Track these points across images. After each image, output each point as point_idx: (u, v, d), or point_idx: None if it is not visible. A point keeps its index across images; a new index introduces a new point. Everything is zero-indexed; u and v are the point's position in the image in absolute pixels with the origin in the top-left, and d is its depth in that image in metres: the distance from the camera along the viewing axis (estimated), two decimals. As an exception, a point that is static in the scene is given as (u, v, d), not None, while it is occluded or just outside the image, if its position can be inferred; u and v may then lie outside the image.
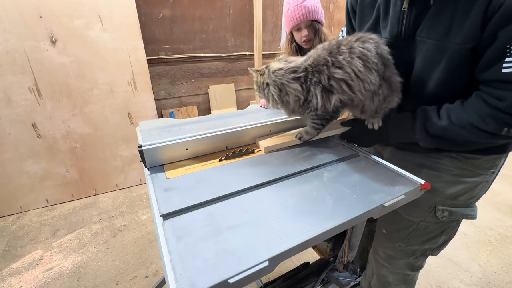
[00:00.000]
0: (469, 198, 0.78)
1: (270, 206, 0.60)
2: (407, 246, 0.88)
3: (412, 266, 0.93)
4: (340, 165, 0.76)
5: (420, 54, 0.67)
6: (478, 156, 0.72)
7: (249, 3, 2.36)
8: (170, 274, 0.43)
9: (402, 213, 0.85)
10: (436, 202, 0.79)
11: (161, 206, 0.59)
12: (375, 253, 1.01)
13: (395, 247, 0.91)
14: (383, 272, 0.99)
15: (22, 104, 1.76)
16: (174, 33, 2.18)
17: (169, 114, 2.34)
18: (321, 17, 1.26)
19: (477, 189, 0.77)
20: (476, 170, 0.74)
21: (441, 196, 0.78)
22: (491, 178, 0.77)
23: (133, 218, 1.91)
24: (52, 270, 1.51)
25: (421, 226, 0.84)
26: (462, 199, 0.78)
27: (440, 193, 0.77)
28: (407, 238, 0.87)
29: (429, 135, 0.68)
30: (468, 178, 0.75)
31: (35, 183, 1.95)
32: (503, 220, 1.88)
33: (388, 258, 0.95)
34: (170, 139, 0.75)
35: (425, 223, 0.82)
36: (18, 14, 1.61)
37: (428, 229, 0.83)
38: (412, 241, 0.87)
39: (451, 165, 0.75)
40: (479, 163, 0.73)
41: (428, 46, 0.64)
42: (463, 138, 0.64)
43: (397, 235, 0.89)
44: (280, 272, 1.02)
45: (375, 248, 1.01)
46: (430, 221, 0.82)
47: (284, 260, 0.49)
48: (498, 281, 1.45)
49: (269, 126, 0.89)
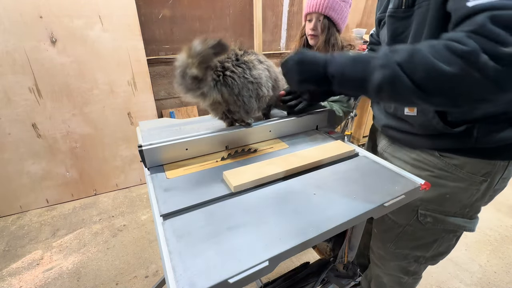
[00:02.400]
0: (458, 206, 0.74)
1: (270, 206, 0.59)
2: (396, 248, 0.87)
3: (406, 271, 0.92)
4: (340, 165, 0.76)
5: (415, 19, 0.63)
6: (460, 157, 0.68)
7: (249, 3, 2.36)
8: (170, 274, 0.43)
9: (389, 214, 0.84)
10: (418, 206, 0.77)
11: (161, 206, 0.59)
12: (372, 252, 1.02)
13: (386, 247, 0.91)
14: (377, 272, 1.00)
15: (22, 104, 1.76)
16: (174, 33, 2.18)
17: (169, 114, 2.34)
18: (336, 16, 1.13)
19: (464, 196, 0.72)
20: (457, 173, 0.70)
21: (423, 199, 0.75)
22: (482, 187, 0.70)
23: (133, 218, 1.91)
24: (52, 270, 1.51)
25: (407, 230, 0.82)
26: (449, 206, 0.74)
27: (421, 196, 0.73)
28: (395, 240, 0.86)
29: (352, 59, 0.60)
30: (449, 182, 0.71)
31: (35, 183, 1.95)
32: (503, 220, 1.88)
33: (380, 258, 0.96)
34: (170, 139, 0.75)
35: (411, 227, 0.81)
36: (18, 14, 1.61)
37: (416, 234, 0.81)
38: (400, 244, 0.86)
39: (431, 165, 0.73)
40: (461, 166, 0.69)
41: (421, 9, 0.60)
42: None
43: (385, 236, 0.89)
44: (280, 272, 1.02)
45: (371, 246, 1.02)
46: (416, 226, 0.80)
47: (284, 260, 0.49)
48: (498, 281, 1.45)
49: (269, 126, 0.89)
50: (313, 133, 0.96)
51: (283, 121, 0.92)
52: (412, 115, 0.71)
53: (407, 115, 0.73)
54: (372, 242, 1.00)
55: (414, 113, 0.71)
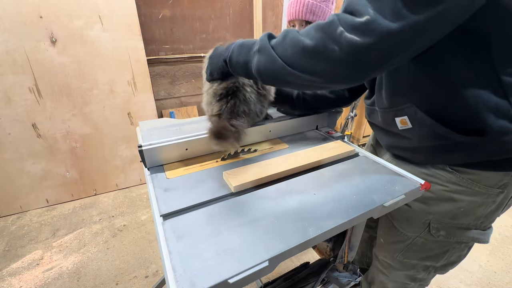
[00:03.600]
0: (473, 219, 0.71)
1: (270, 206, 0.59)
2: (405, 258, 0.85)
3: (413, 278, 0.90)
4: (340, 165, 0.76)
5: None
6: (475, 171, 0.64)
7: (249, 3, 2.36)
8: (170, 274, 0.43)
9: (397, 226, 0.82)
10: (430, 220, 0.74)
11: (161, 206, 0.59)
12: (375, 258, 1.00)
13: (393, 257, 0.88)
14: (382, 279, 0.98)
15: (22, 104, 1.76)
16: (174, 33, 2.18)
17: (169, 114, 2.34)
18: (317, 19, 1.10)
19: (479, 209, 0.68)
20: (474, 188, 0.66)
21: (435, 214, 0.73)
22: (498, 198, 0.67)
23: (133, 218, 1.91)
24: (52, 270, 1.51)
25: (417, 242, 0.79)
26: (464, 219, 0.71)
27: (434, 209, 0.72)
28: (404, 250, 0.84)
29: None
30: (465, 196, 0.68)
31: (35, 183, 1.95)
32: (503, 220, 1.88)
33: (387, 266, 0.93)
34: (170, 139, 0.75)
35: (422, 239, 0.78)
36: (18, 14, 1.61)
37: (427, 246, 0.79)
38: (409, 255, 0.83)
39: (445, 180, 0.69)
40: (478, 180, 0.65)
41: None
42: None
43: (394, 246, 0.87)
44: (280, 272, 1.02)
45: (375, 253, 0.99)
46: (428, 238, 0.77)
47: (284, 260, 0.49)
48: (498, 281, 1.45)
49: (269, 126, 0.89)
50: (313, 133, 0.96)
51: (283, 121, 0.92)
52: (408, 128, 0.67)
53: (402, 129, 0.68)
54: (377, 250, 0.97)
55: (408, 126, 0.66)
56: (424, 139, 0.66)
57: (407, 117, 0.65)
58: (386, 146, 0.82)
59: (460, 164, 0.66)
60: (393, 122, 0.70)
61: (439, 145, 0.64)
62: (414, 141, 0.69)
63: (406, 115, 0.65)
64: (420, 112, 0.62)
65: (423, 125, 0.63)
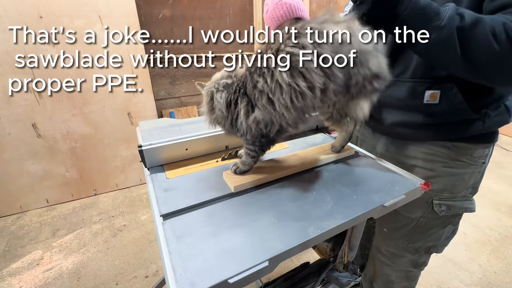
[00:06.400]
0: (464, 190, 0.77)
1: (270, 206, 0.59)
2: (409, 243, 0.88)
3: (416, 263, 0.93)
4: (340, 165, 0.76)
5: None
6: (470, 145, 0.71)
7: (249, 3, 2.36)
8: (170, 274, 0.43)
9: (402, 211, 0.85)
10: (432, 197, 0.78)
11: (161, 206, 0.59)
12: (377, 251, 1.01)
13: (397, 244, 0.91)
14: (386, 270, 0.99)
15: (22, 104, 1.76)
16: (174, 33, 2.18)
17: (169, 114, 2.34)
18: (305, 14, 1.09)
19: (471, 180, 0.76)
20: (468, 160, 0.73)
21: (437, 190, 0.77)
22: (482, 168, 0.76)
23: (133, 218, 1.91)
24: (52, 270, 1.51)
25: (421, 222, 0.83)
26: (458, 192, 0.77)
27: (435, 187, 0.76)
28: (408, 235, 0.87)
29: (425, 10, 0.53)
30: (461, 169, 0.74)
31: (35, 183, 1.95)
32: (503, 220, 1.88)
33: (391, 256, 0.95)
34: (170, 139, 0.75)
35: (425, 219, 0.82)
36: (18, 14, 1.61)
37: (429, 225, 0.83)
38: (414, 238, 0.87)
39: (445, 156, 0.74)
40: (470, 153, 0.72)
41: None
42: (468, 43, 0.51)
43: (398, 233, 0.89)
44: (280, 272, 1.01)
45: (377, 246, 1.01)
46: (430, 217, 0.81)
47: (284, 260, 0.49)
48: (498, 281, 1.45)
49: (269, 126, 0.89)
50: (313, 133, 0.96)
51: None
52: (434, 103, 0.67)
53: (427, 103, 0.68)
54: (380, 242, 0.99)
55: (436, 101, 0.67)
56: (443, 115, 0.68)
57: (440, 91, 0.65)
58: (391, 124, 0.77)
59: (459, 139, 0.71)
60: (420, 95, 0.68)
61: (451, 122, 0.68)
62: (432, 117, 0.69)
63: (440, 90, 0.65)
64: (456, 88, 0.63)
65: (451, 101, 0.65)
